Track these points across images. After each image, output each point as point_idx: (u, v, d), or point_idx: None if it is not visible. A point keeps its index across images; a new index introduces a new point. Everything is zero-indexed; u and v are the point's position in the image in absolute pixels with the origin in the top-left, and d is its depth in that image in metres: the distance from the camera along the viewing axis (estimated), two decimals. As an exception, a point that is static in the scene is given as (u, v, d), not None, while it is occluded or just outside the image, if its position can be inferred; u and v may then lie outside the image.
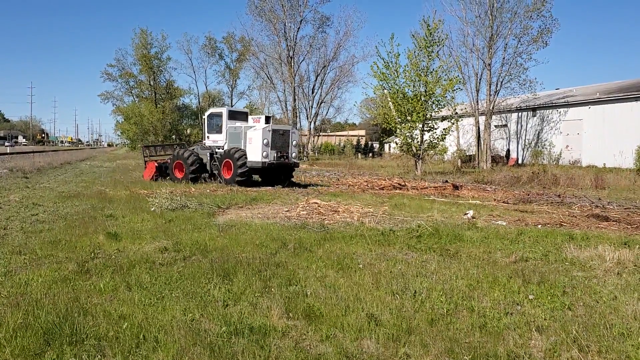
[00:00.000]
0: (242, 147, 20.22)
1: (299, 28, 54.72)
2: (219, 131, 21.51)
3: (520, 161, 40.67)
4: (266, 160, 19.51)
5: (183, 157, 21.30)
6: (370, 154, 67.62)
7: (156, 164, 22.89)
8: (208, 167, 21.74)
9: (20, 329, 4.67)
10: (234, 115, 22.01)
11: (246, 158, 19.69)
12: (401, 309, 5.46)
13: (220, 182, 20.31)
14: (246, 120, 22.07)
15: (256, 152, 19.58)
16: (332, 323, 5.02)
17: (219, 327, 4.85)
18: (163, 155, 25.48)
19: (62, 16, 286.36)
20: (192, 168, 20.90)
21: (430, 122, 30.02)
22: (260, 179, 21.08)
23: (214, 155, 21.62)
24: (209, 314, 5.22)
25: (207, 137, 22.22)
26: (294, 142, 21.04)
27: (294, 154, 21.01)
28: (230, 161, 19.99)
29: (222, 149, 21.26)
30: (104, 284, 6.16)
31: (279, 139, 20.11)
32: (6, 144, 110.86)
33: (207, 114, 22.79)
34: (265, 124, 20.11)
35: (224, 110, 21.78)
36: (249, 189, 18.49)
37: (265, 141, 19.49)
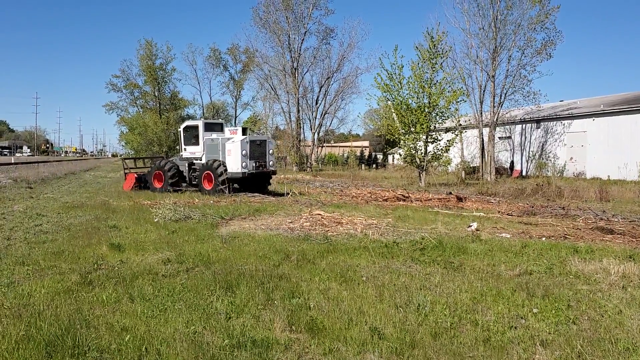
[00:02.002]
0: (220, 159, 20.87)
1: (303, 39, 55.03)
2: (196, 143, 22.20)
3: (524, 173, 40.58)
4: (245, 170, 20.31)
5: (162, 168, 22.19)
6: (374, 165, 67.59)
7: (135, 176, 23.66)
8: (187, 178, 22.51)
9: (22, 341, 4.67)
10: (210, 127, 22.73)
11: (226, 169, 20.36)
12: (405, 322, 5.43)
13: (202, 192, 20.66)
14: (221, 130, 22.98)
15: (236, 163, 20.31)
16: (335, 336, 4.99)
17: (222, 340, 4.83)
18: (142, 167, 26.27)
19: (67, 27, 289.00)
20: (171, 178, 21.82)
21: (434, 133, 30.03)
22: (239, 187, 21.32)
23: (192, 166, 22.44)
24: (211, 326, 5.21)
25: (184, 149, 22.82)
26: (270, 151, 21.93)
27: (271, 162, 21.90)
28: (211, 173, 20.58)
29: (200, 160, 22.00)
30: (106, 295, 6.16)
31: (256, 149, 20.96)
32: (26, 154, 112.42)
33: (182, 126, 23.31)
34: (243, 135, 20.82)
35: (200, 123, 22.38)
36: (252, 200, 18.51)
37: (244, 152, 20.24)
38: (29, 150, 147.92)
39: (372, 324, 5.31)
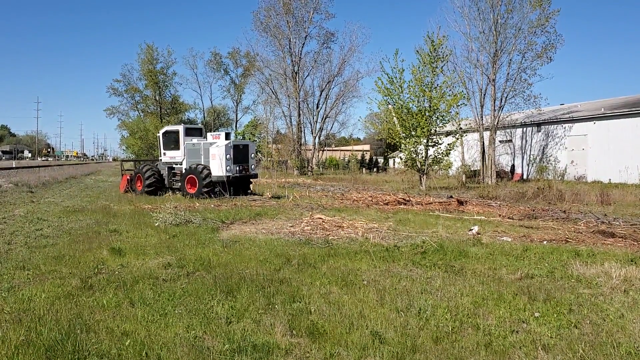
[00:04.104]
0: (202, 163, 21.18)
1: (303, 44, 55.14)
2: (176, 148, 22.51)
3: (525, 176, 40.55)
4: (230, 174, 20.70)
5: (142, 172, 22.63)
6: (375, 169, 67.57)
7: (128, 177, 24.03)
8: (166, 182, 22.86)
9: (22, 346, 4.66)
10: (190, 132, 23.11)
11: (210, 173, 20.66)
12: (406, 326, 5.41)
13: (184, 196, 20.79)
14: (201, 135, 23.43)
15: (220, 167, 20.69)
16: (336, 341, 4.98)
17: (222, 345, 4.82)
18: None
19: (68, 32, 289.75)
20: (148, 182, 22.19)
21: (434, 137, 30.03)
22: (221, 190, 21.48)
23: (172, 171, 22.83)
24: (212, 331, 5.19)
25: (164, 153, 23.13)
26: (252, 155, 22.43)
27: (252, 166, 22.43)
28: (195, 176, 20.82)
29: (180, 165, 22.38)
30: (107, 300, 6.15)
31: (239, 154, 21.39)
32: (28, 158, 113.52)
33: (161, 131, 23.56)
34: (226, 140, 21.17)
35: (180, 128, 22.69)
36: (252, 204, 18.49)
37: (228, 156, 20.64)
38: (30, 154, 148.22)
39: (373, 329, 5.29)
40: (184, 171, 21.73)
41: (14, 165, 54.12)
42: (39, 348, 4.62)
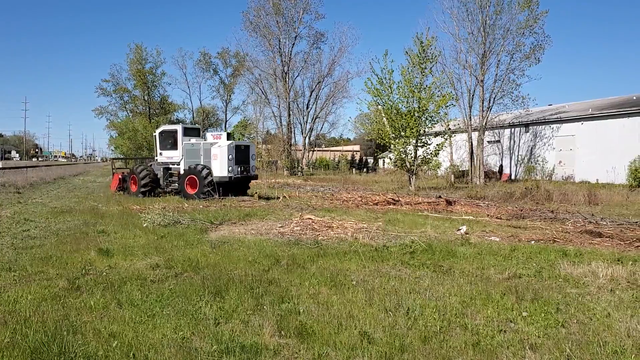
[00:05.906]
0: (202, 163, 20.92)
1: (293, 44, 55.12)
2: (174, 147, 22.12)
3: (513, 177, 40.80)
4: (232, 174, 20.57)
5: (136, 172, 22.17)
6: (365, 169, 67.65)
7: (119, 176, 23.74)
8: (162, 182, 22.51)
9: (7, 349, 4.60)
10: (188, 132, 22.81)
11: (211, 173, 20.47)
12: (394, 326, 5.42)
13: (183, 197, 20.58)
14: (198, 135, 23.20)
15: (222, 167, 20.53)
16: (325, 341, 4.97)
17: (210, 346, 4.80)
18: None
19: (56, 32, 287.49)
20: (143, 182, 21.75)
21: (423, 137, 30.09)
22: (221, 191, 21.44)
23: (169, 171, 22.53)
24: (200, 332, 5.17)
25: (160, 153, 22.73)
26: (252, 156, 22.35)
27: (253, 167, 22.35)
28: (195, 177, 20.55)
29: (177, 165, 22.04)
30: (94, 301, 6.10)
31: (241, 154, 21.29)
32: (37, 159, 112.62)
33: (158, 131, 23.16)
34: (228, 140, 21.02)
35: (179, 128, 22.35)
36: (242, 204, 18.44)
37: (230, 157, 20.49)
38: (17, 154, 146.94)
39: (362, 329, 5.29)
40: (182, 172, 21.42)
41: (0, 166, 53.55)
42: (24, 350, 4.58)
